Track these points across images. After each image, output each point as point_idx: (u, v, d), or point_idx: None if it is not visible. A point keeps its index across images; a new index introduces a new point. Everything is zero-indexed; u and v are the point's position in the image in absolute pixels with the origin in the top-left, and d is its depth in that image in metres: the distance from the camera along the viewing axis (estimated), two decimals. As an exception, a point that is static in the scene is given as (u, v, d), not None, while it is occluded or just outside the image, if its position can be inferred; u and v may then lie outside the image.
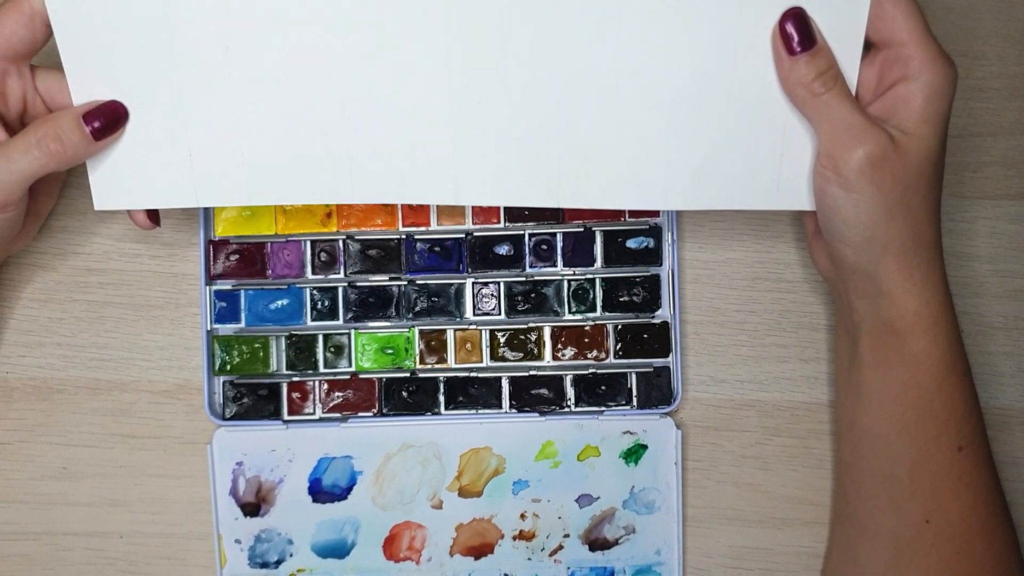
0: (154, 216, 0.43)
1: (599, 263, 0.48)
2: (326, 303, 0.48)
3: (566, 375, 0.48)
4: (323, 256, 0.48)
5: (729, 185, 0.41)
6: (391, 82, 0.40)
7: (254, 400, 0.48)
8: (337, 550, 0.48)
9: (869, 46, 0.39)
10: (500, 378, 0.48)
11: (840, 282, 0.42)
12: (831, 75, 0.38)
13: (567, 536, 0.48)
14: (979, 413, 0.41)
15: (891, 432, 0.41)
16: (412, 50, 0.40)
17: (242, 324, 0.48)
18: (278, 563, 0.48)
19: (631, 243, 0.48)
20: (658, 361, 0.48)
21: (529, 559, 0.48)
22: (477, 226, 0.48)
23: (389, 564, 0.48)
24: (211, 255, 0.48)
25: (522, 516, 0.48)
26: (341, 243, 0.48)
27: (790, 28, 0.38)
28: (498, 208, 0.48)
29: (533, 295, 0.48)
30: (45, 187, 0.45)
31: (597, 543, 0.48)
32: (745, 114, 0.40)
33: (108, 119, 0.40)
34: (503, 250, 0.48)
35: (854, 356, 0.42)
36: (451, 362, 0.48)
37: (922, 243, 0.39)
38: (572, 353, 0.48)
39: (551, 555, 0.48)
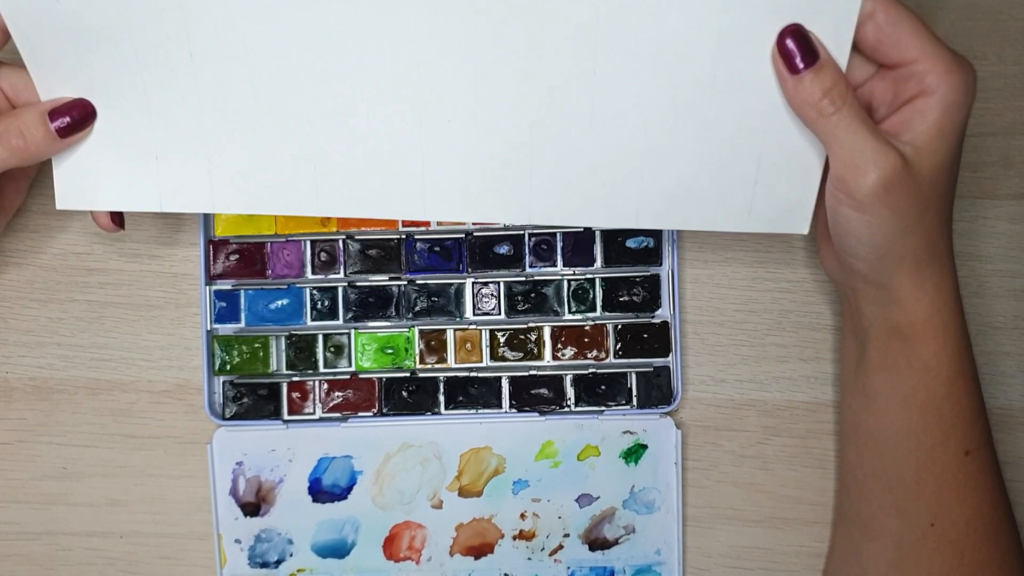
0: (118, 218, 0.43)
1: (599, 263, 0.48)
2: (326, 303, 0.48)
3: (566, 375, 0.48)
4: (323, 256, 0.48)
5: (702, 207, 0.41)
6: (360, 97, 0.40)
7: (254, 400, 0.48)
8: (337, 550, 0.48)
9: (879, 67, 0.38)
10: (500, 378, 0.48)
11: (849, 288, 0.42)
12: (839, 92, 0.36)
13: (567, 536, 0.48)
14: (986, 417, 0.41)
15: (898, 435, 0.41)
16: (381, 65, 0.39)
17: (242, 324, 0.48)
18: (278, 563, 0.48)
19: (631, 243, 0.48)
20: (658, 361, 0.48)
21: (529, 559, 0.48)
22: (477, 226, 0.48)
23: (389, 564, 0.48)
24: (211, 255, 0.48)
25: (522, 516, 0.48)
26: (341, 243, 0.48)
27: (790, 44, 0.36)
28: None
29: (533, 295, 0.48)
30: (12, 183, 0.45)
31: (597, 543, 0.48)
32: (721, 141, 0.40)
33: (75, 117, 0.39)
34: (503, 250, 0.48)
35: (861, 359, 0.42)
36: (451, 362, 0.48)
37: (935, 254, 0.39)
38: (572, 353, 0.48)
39: (551, 555, 0.48)
